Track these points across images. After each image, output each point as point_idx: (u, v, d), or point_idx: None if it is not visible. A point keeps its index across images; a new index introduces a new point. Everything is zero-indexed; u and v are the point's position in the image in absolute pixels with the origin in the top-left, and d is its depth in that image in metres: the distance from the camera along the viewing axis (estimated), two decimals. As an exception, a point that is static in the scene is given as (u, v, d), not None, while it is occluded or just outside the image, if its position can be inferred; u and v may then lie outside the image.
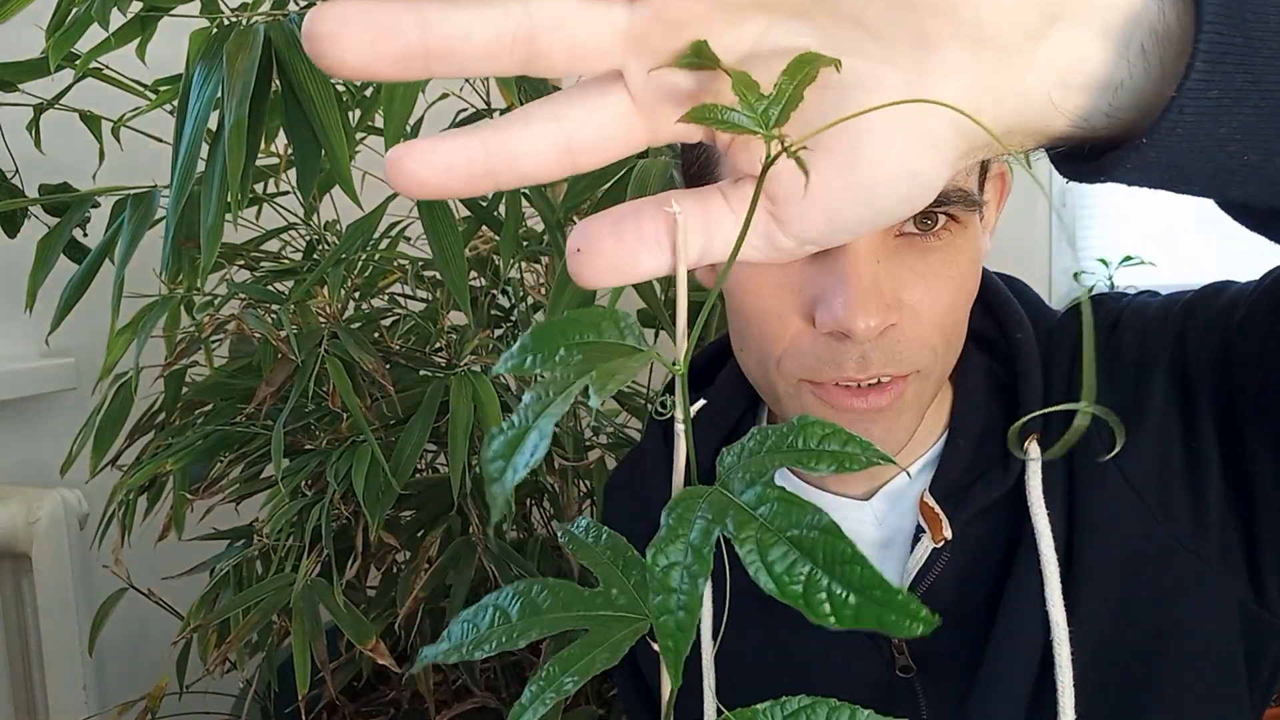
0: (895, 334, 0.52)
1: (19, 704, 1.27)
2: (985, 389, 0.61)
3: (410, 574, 0.95)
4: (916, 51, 0.25)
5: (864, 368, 0.52)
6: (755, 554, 0.23)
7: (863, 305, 0.49)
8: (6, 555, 1.23)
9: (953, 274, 0.53)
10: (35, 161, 1.06)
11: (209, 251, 0.70)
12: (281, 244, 1.14)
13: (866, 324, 0.50)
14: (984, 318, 0.63)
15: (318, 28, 0.23)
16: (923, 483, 0.61)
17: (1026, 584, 0.57)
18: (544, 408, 0.24)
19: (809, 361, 0.53)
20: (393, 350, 1.03)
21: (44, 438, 1.35)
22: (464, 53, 0.24)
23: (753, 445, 0.26)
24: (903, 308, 0.52)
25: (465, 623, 0.29)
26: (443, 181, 0.26)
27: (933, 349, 0.54)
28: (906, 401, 0.55)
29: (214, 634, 0.95)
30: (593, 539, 0.31)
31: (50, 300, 0.95)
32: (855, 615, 0.23)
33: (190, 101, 0.71)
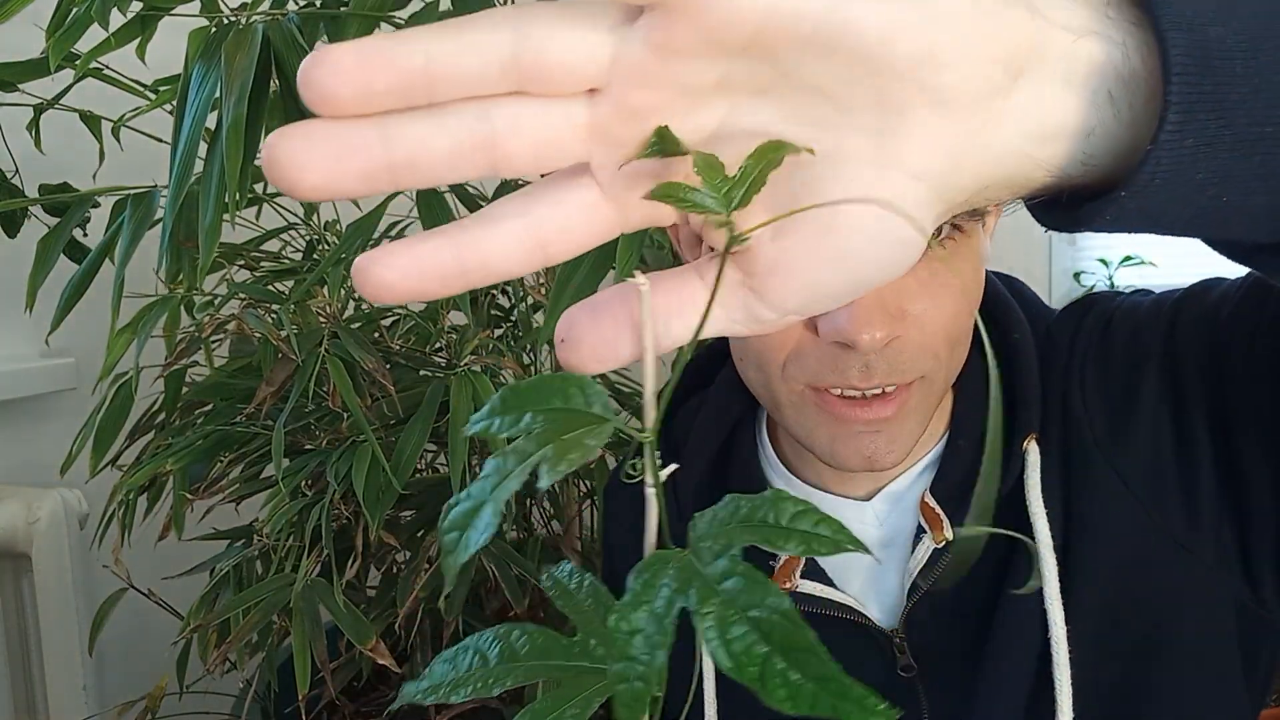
0: (899, 344, 0.52)
1: (19, 704, 1.27)
2: (984, 390, 0.62)
3: (410, 574, 0.95)
4: (883, 117, 0.25)
5: (867, 377, 0.52)
6: (715, 630, 0.23)
7: (867, 317, 0.50)
8: (6, 555, 1.23)
9: (957, 282, 0.53)
10: (35, 161, 1.06)
11: (207, 251, 0.70)
12: (281, 244, 1.14)
13: (871, 336, 0.50)
14: (982, 319, 0.62)
15: (277, 151, 0.23)
16: (924, 484, 0.61)
17: (1023, 598, 0.57)
18: (501, 480, 0.23)
19: (812, 366, 0.53)
20: (393, 350, 1.03)
21: (44, 438, 1.35)
22: (427, 162, 0.24)
23: (724, 515, 0.26)
24: (907, 317, 0.52)
25: (446, 663, 0.29)
26: (413, 286, 0.25)
27: (936, 356, 0.54)
28: (910, 409, 0.55)
29: (214, 634, 0.95)
30: (574, 585, 0.31)
31: (50, 300, 0.95)
32: (812, 703, 0.22)
33: (188, 101, 0.71)
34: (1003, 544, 0.58)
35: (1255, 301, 0.51)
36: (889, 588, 0.62)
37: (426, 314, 1.08)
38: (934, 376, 0.55)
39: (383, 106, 0.24)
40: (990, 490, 0.30)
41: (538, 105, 0.25)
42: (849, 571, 0.63)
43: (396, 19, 0.82)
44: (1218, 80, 0.25)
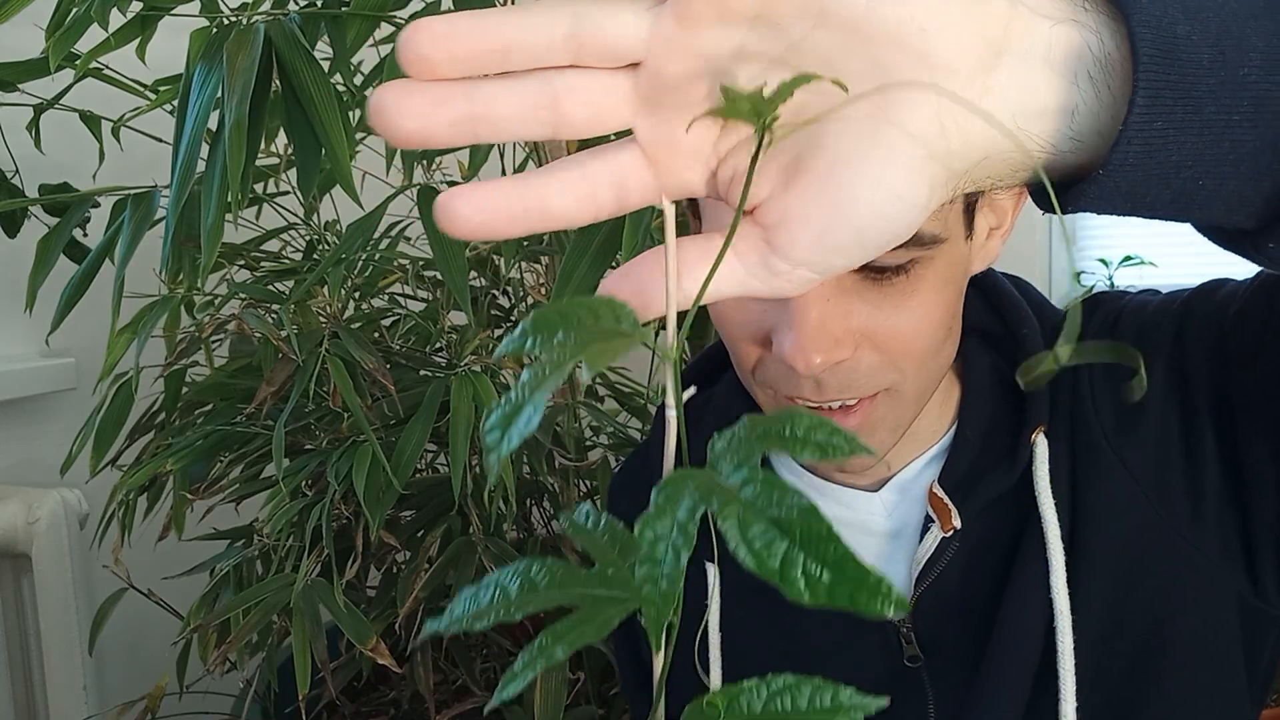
0: (850, 364, 0.53)
1: (19, 704, 1.27)
2: (991, 384, 0.62)
3: (410, 574, 0.95)
4: (879, 81, 0.28)
5: (819, 393, 0.53)
6: (736, 530, 0.24)
7: (805, 346, 0.51)
8: (6, 555, 1.23)
9: (914, 304, 0.52)
10: (35, 161, 1.06)
11: (209, 251, 0.70)
12: (281, 244, 1.14)
13: (808, 363, 0.51)
14: (989, 315, 0.64)
15: (383, 100, 0.28)
16: (931, 474, 0.62)
17: (1032, 572, 0.57)
18: (540, 384, 0.25)
19: (773, 377, 0.55)
20: (393, 350, 1.04)
21: (44, 438, 1.35)
22: (502, 116, 0.29)
23: (743, 432, 0.27)
24: (859, 339, 0.52)
25: (468, 598, 0.30)
26: (486, 220, 0.30)
27: (899, 370, 0.54)
28: (877, 419, 0.56)
29: (214, 634, 0.95)
30: (592, 525, 0.32)
31: (50, 300, 0.95)
32: (829, 592, 0.24)
33: (190, 101, 0.71)
34: (1010, 535, 0.59)
35: (1264, 299, 0.52)
36: (896, 577, 0.62)
37: (427, 314, 1.08)
38: (901, 388, 0.55)
39: (466, 71, 0.28)
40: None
41: (591, 75, 0.29)
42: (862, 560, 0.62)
43: (397, 19, 0.82)
44: (1184, 70, 0.28)
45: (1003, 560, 0.59)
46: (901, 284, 0.52)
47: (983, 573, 0.59)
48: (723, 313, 0.56)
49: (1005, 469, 0.59)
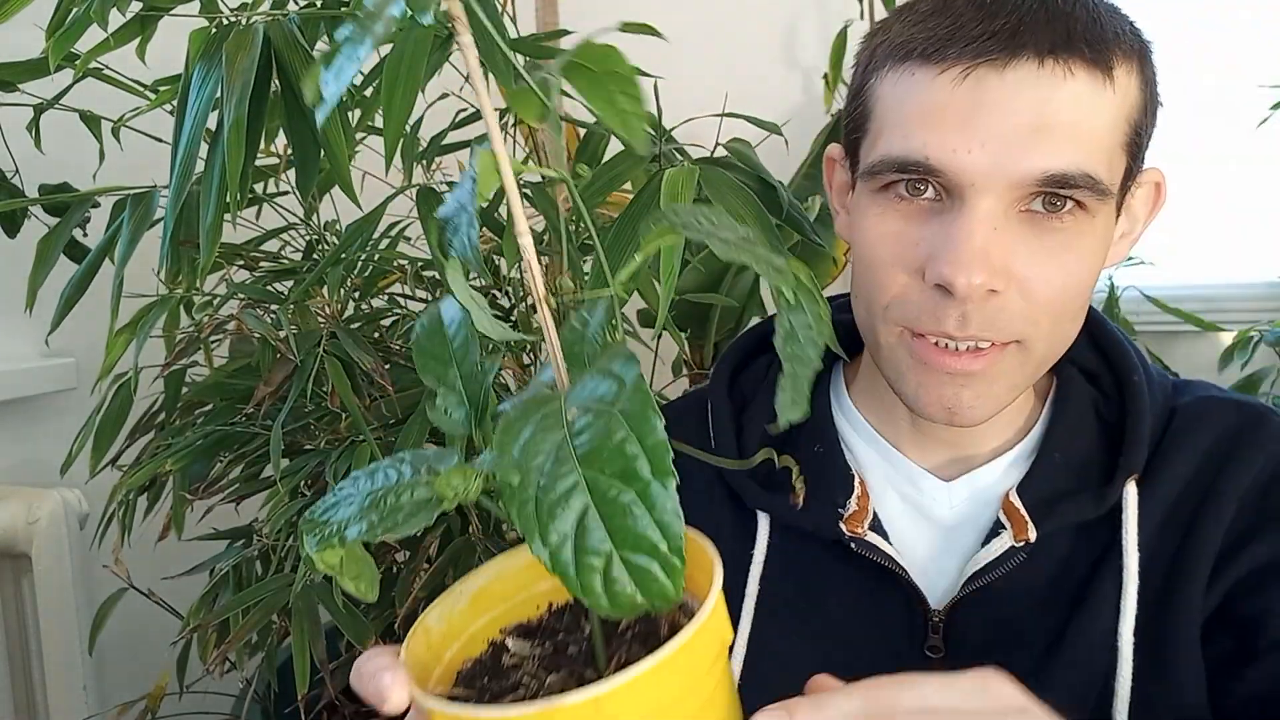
0: (999, 301, 0.54)
1: (19, 704, 1.27)
2: (1088, 417, 0.63)
3: (410, 574, 0.95)
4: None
5: (963, 326, 0.54)
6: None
7: (968, 264, 0.52)
8: (6, 555, 1.23)
9: (1069, 258, 0.54)
10: (35, 161, 1.06)
11: (208, 251, 0.70)
12: (281, 244, 1.14)
13: (969, 280, 0.52)
14: (1091, 352, 0.64)
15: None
16: (1008, 481, 0.62)
17: (1100, 612, 0.58)
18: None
19: (913, 311, 0.56)
20: (392, 350, 1.03)
21: (44, 438, 1.35)
22: None
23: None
24: (1011, 278, 0.53)
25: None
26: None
27: (1036, 324, 0.55)
28: (1001, 370, 0.56)
29: (214, 634, 0.95)
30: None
31: (50, 300, 0.95)
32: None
33: (189, 101, 0.71)
34: (1086, 568, 0.59)
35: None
36: (946, 570, 0.62)
37: (426, 314, 1.08)
38: (1031, 345, 0.56)
39: None
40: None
41: None
42: (916, 543, 0.63)
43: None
44: None
45: (1072, 588, 0.59)
46: (1062, 234, 0.53)
47: (1045, 594, 0.59)
48: (877, 238, 0.57)
49: (1092, 500, 0.59)
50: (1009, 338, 0.55)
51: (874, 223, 0.57)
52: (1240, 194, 1.58)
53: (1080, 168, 0.51)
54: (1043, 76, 0.51)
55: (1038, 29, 0.51)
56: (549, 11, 1.37)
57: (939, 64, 0.52)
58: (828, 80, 1.49)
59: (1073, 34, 0.51)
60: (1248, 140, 1.55)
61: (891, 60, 0.55)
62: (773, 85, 1.58)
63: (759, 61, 1.59)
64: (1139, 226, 0.61)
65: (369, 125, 1.03)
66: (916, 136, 0.53)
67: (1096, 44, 0.51)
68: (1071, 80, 0.51)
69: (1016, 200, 0.53)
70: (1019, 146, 0.51)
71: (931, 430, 0.64)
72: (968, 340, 0.54)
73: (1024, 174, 0.51)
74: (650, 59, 0.93)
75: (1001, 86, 0.51)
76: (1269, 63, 1.53)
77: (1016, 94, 0.51)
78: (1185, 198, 1.62)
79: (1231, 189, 1.59)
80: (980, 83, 0.51)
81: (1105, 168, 0.53)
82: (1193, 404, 0.62)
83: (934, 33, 0.53)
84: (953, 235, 0.52)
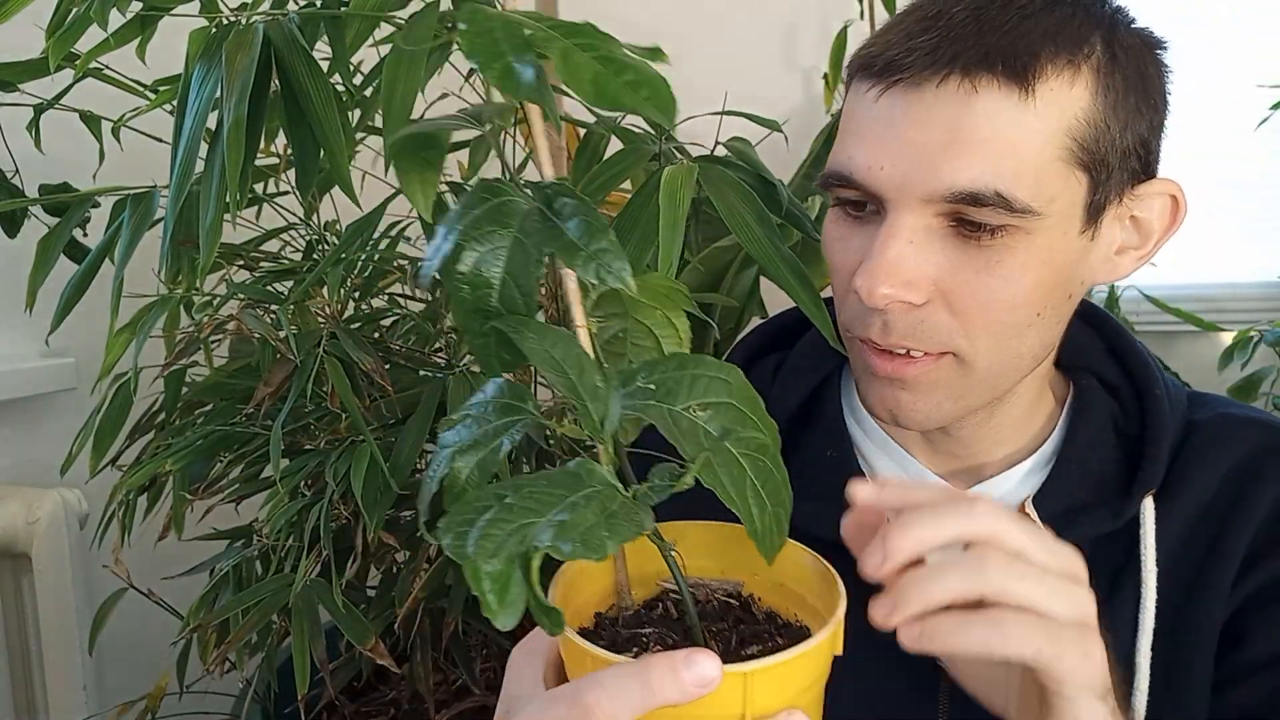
0: (921, 313, 0.54)
1: (19, 704, 1.27)
2: (1107, 430, 0.62)
3: (410, 574, 0.95)
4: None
5: (885, 334, 0.55)
6: None
7: (873, 276, 0.53)
8: (6, 555, 1.23)
9: (999, 274, 0.53)
10: (35, 161, 1.06)
11: (208, 251, 0.70)
12: (281, 244, 1.14)
13: (871, 292, 0.53)
14: (1110, 363, 0.64)
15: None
16: (1023, 491, 0.62)
17: (1119, 630, 0.58)
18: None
19: (850, 315, 0.58)
20: (392, 350, 1.03)
21: (44, 438, 1.35)
22: None
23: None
24: (935, 291, 0.54)
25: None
26: None
27: (970, 339, 0.55)
28: (936, 380, 0.57)
29: (214, 634, 0.95)
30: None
31: (50, 300, 0.95)
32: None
33: (189, 101, 0.71)
34: (1104, 583, 0.58)
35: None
36: None
37: (426, 314, 1.08)
38: (970, 359, 0.55)
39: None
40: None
41: None
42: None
43: (397, 19, 0.82)
44: None
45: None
46: (990, 248, 0.53)
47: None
48: (827, 244, 0.60)
49: (1109, 514, 0.59)
50: (939, 349, 0.55)
51: (828, 229, 0.60)
52: (1240, 194, 1.58)
53: (991, 185, 0.51)
54: (956, 94, 0.51)
55: (959, 45, 0.51)
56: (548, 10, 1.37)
57: (871, 79, 0.54)
58: (828, 80, 1.49)
59: (991, 51, 0.51)
60: (1248, 140, 1.54)
61: (852, 73, 0.58)
62: (773, 85, 1.58)
63: (759, 61, 1.58)
64: (1152, 239, 0.59)
65: (369, 125, 1.03)
66: (845, 150, 0.55)
67: (1020, 58, 0.51)
68: (979, 98, 0.51)
69: (935, 215, 0.53)
70: (927, 163, 0.51)
71: (933, 436, 0.64)
72: (892, 347, 0.56)
73: (932, 190, 0.52)
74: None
75: (917, 103, 0.52)
76: (1269, 63, 1.53)
77: (930, 111, 0.51)
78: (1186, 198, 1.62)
79: (1231, 189, 1.59)
80: (896, 98, 0.53)
81: (1028, 185, 0.51)
82: (1211, 421, 0.62)
83: (882, 49, 0.54)
84: (872, 247, 0.54)
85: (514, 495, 0.34)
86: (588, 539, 0.32)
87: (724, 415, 0.38)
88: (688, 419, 0.37)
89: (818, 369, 0.69)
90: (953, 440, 0.63)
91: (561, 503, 0.34)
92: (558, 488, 0.35)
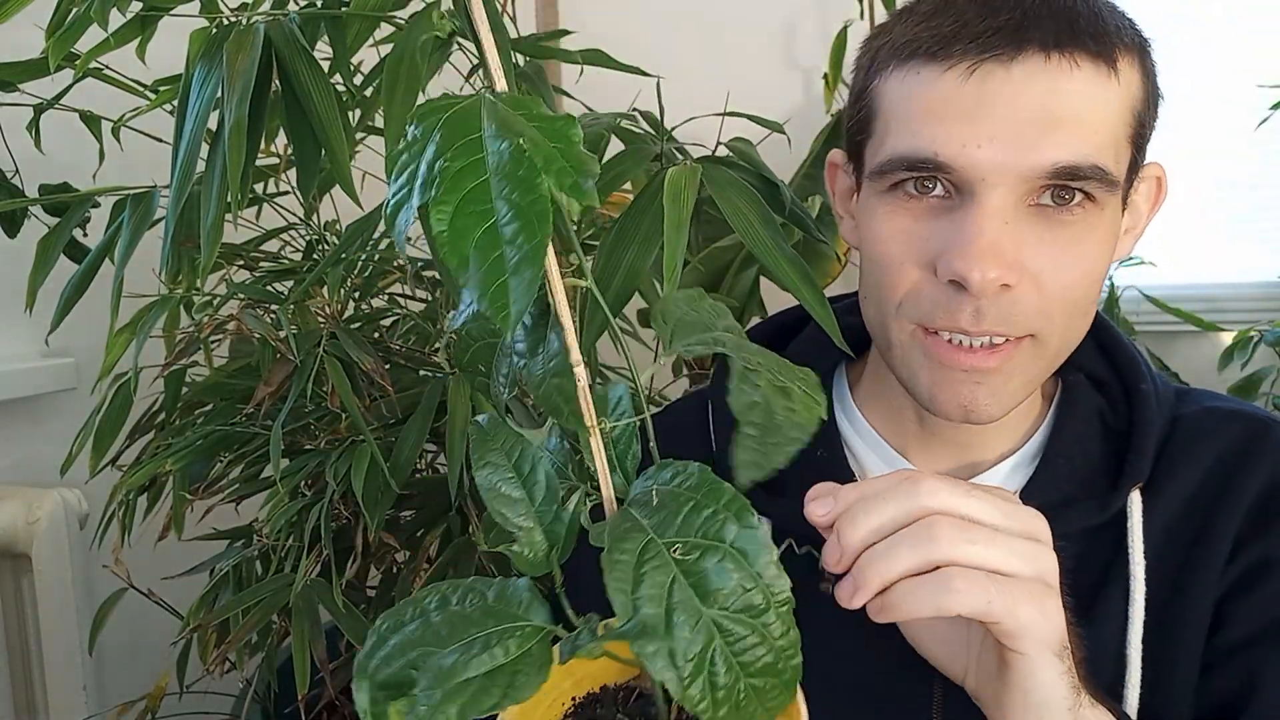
0: (1012, 295, 0.54)
1: (19, 704, 1.27)
2: (1094, 424, 0.63)
3: (410, 574, 0.95)
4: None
5: (977, 321, 0.54)
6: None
7: (980, 258, 0.52)
8: (6, 555, 1.23)
9: (1080, 251, 0.54)
10: (35, 161, 1.06)
11: (208, 251, 0.70)
12: (281, 244, 1.14)
13: (983, 275, 0.52)
14: (1099, 359, 0.65)
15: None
16: (1013, 484, 0.62)
17: (1109, 624, 0.58)
18: None
19: (926, 307, 0.56)
20: (392, 350, 1.03)
21: (44, 438, 1.35)
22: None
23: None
24: (1024, 272, 0.53)
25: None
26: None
27: (1049, 318, 0.55)
28: (1016, 366, 0.56)
29: (214, 634, 0.95)
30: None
31: (50, 300, 0.95)
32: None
33: (190, 101, 0.71)
34: (1093, 574, 0.59)
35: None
36: None
37: (426, 314, 1.08)
38: (1045, 339, 0.56)
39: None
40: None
41: None
42: None
43: (397, 19, 0.82)
44: None
45: (1079, 598, 0.58)
46: (1073, 227, 0.54)
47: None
48: (886, 235, 0.57)
49: (1097, 507, 0.59)
50: (1023, 332, 0.55)
51: (883, 221, 0.57)
52: (1240, 194, 1.58)
53: (1089, 159, 0.52)
54: (1049, 69, 0.51)
55: (1041, 23, 0.51)
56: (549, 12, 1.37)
57: (944, 61, 0.53)
58: (828, 80, 1.49)
59: (1076, 27, 0.52)
60: (1248, 140, 1.54)
61: (895, 60, 0.56)
62: (773, 85, 1.58)
63: (759, 61, 1.59)
64: (1142, 221, 0.61)
65: (369, 125, 1.03)
66: (924, 133, 0.53)
67: (1100, 37, 0.52)
68: (1078, 72, 0.52)
69: (1026, 194, 0.53)
70: (1028, 139, 0.51)
71: (939, 434, 0.64)
72: (982, 335, 0.55)
73: (1033, 166, 0.52)
74: (651, 58, 0.93)
75: (1008, 81, 0.51)
76: (1269, 63, 1.53)
77: (1023, 88, 0.51)
78: (1186, 197, 1.62)
79: (1232, 189, 1.59)
80: (987, 77, 0.52)
81: (1113, 159, 0.53)
82: (1196, 415, 0.62)
83: (938, 31, 0.53)
84: (965, 230, 0.53)
85: (439, 612, 0.35)
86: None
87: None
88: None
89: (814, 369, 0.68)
90: (957, 437, 0.63)
91: (471, 637, 0.34)
92: (488, 617, 0.35)
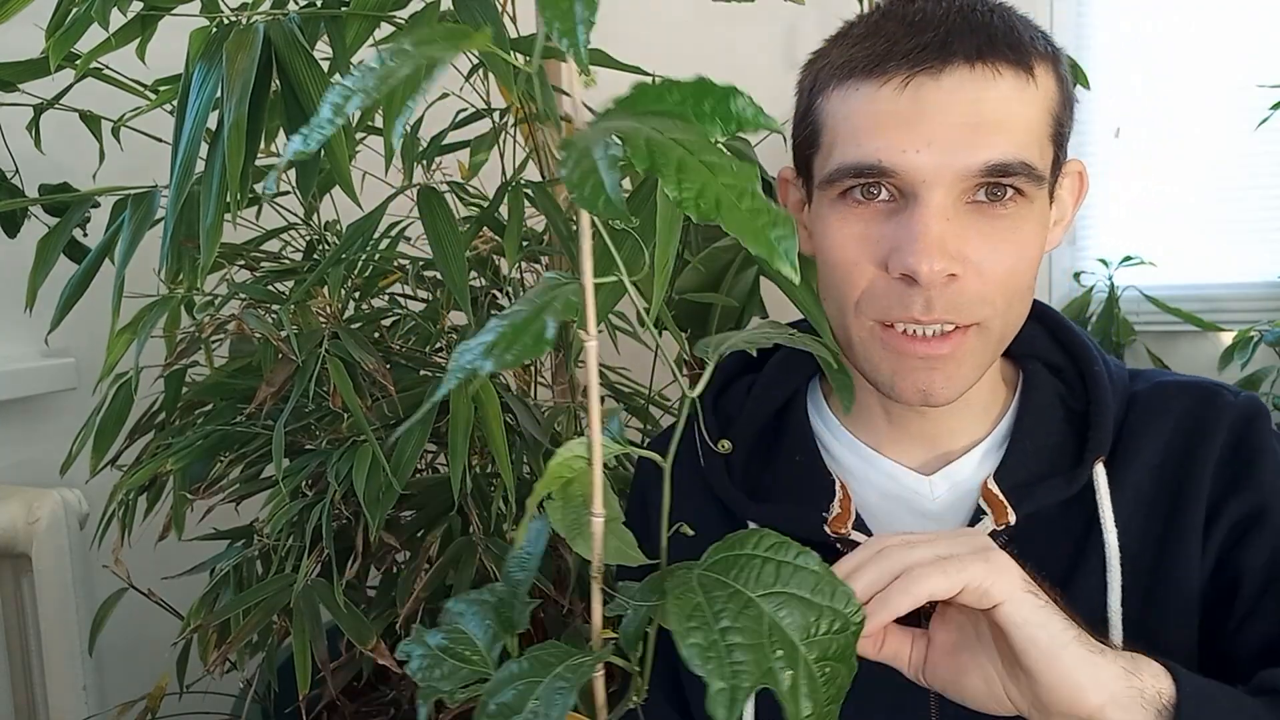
0: (958, 285, 0.59)
1: (19, 704, 1.27)
2: (1054, 408, 0.68)
3: (410, 574, 0.95)
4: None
5: (929, 310, 0.59)
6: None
7: (927, 253, 0.57)
8: (6, 555, 1.23)
9: (1015, 240, 0.60)
10: (35, 161, 1.06)
11: (208, 251, 0.70)
12: (281, 244, 1.14)
13: (930, 268, 0.57)
14: (1052, 347, 0.70)
15: None
16: (984, 471, 0.67)
17: (1088, 592, 0.62)
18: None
19: (882, 303, 0.61)
20: (393, 350, 1.03)
21: (44, 438, 1.35)
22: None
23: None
24: (966, 263, 0.59)
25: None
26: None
27: (992, 305, 0.61)
28: (967, 351, 0.62)
29: (214, 634, 0.95)
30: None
31: (50, 300, 0.95)
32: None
33: (190, 101, 0.71)
34: (1068, 547, 0.63)
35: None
36: None
37: (427, 314, 1.08)
38: (989, 325, 0.61)
39: None
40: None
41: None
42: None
43: (397, 19, 0.82)
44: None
45: (1058, 569, 0.62)
46: (1007, 219, 0.60)
47: (1032, 577, 0.61)
48: (841, 241, 0.62)
49: (1064, 481, 0.64)
50: (970, 320, 0.60)
51: (836, 227, 0.62)
52: (1240, 194, 1.59)
53: (1017, 157, 0.58)
54: (974, 78, 0.57)
55: (964, 38, 0.58)
56: (549, 11, 1.37)
57: (880, 77, 0.58)
58: (828, 80, 1.49)
59: (995, 40, 0.58)
60: (1247, 140, 1.55)
61: (835, 80, 0.62)
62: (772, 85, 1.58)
63: (759, 61, 1.59)
64: (1069, 213, 0.67)
65: (369, 125, 1.03)
66: (868, 143, 0.59)
67: (1017, 48, 0.58)
68: (1000, 80, 0.58)
69: (963, 192, 0.59)
70: (961, 142, 0.57)
71: (907, 427, 0.68)
72: (934, 324, 0.60)
73: (968, 166, 0.57)
74: (651, 58, 0.93)
75: (939, 90, 0.57)
76: (1269, 63, 1.53)
77: (953, 96, 0.57)
78: (1186, 197, 1.62)
79: (1232, 189, 1.59)
80: (920, 89, 0.57)
81: (1038, 156, 0.59)
82: (1149, 390, 0.67)
83: (871, 51, 0.59)
84: (911, 228, 0.58)
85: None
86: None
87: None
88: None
89: (787, 384, 0.74)
90: (925, 429, 0.68)
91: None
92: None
